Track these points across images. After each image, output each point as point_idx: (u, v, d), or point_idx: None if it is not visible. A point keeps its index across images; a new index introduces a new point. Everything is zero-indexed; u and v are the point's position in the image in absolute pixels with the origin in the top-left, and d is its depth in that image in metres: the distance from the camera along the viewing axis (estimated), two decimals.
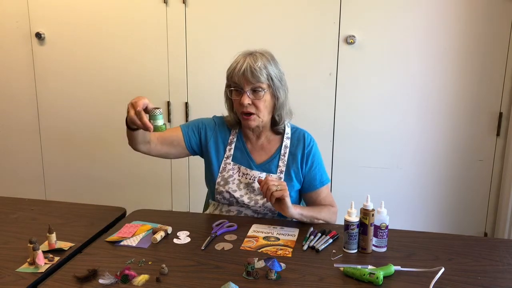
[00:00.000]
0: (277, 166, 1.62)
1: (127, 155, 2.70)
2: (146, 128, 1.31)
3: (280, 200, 1.45)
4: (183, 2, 2.43)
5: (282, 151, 1.63)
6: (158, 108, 1.32)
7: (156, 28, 2.49)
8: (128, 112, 1.33)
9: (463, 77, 2.29)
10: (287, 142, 1.64)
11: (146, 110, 1.32)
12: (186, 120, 2.57)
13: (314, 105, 2.43)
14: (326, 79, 2.39)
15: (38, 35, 2.62)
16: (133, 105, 1.32)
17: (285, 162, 1.62)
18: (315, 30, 2.35)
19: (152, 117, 1.32)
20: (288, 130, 1.66)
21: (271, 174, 1.61)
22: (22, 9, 2.62)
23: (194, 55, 2.49)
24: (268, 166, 1.62)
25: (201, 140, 1.67)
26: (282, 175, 1.60)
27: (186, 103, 2.56)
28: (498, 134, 2.32)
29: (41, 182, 2.86)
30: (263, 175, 1.60)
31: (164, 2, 2.45)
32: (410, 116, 2.37)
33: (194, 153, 1.70)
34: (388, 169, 2.44)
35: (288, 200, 1.45)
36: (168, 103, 2.58)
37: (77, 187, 2.80)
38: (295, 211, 1.50)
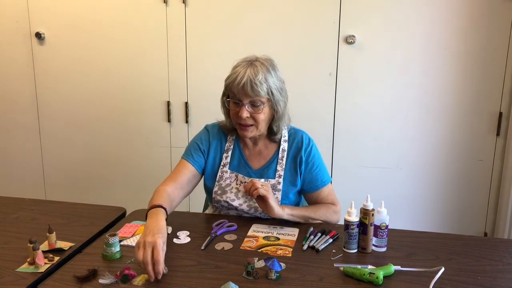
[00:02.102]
0: (275, 170, 1.59)
1: (127, 155, 2.70)
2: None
3: (264, 200, 1.45)
4: (183, 2, 2.43)
5: (280, 155, 1.60)
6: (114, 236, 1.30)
7: (156, 28, 2.49)
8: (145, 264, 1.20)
9: (463, 76, 2.29)
10: (284, 145, 1.61)
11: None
12: (186, 120, 2.57)
13: (314, 105, 2.43)
14: (326, 79, 2.39)
15: (38, 35, 2.62)
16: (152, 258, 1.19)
17: (283, 166, 1.59)
18: (315, 30, 2.35)
19: (107, 245, 1.29)
20: (285, 133, 1.62)
21: (269, 180, 1.57)
22: (22, 9, 2.62)
23: (194, 55, 2.49)
24: (266, 171, 1.59)
25: (205, 156, 1.63)
26: (281, 180, 1.57)
27: (186, 103, 2.56)
28: (498, 134, 2.32)
29: (41, 182, 2.86)
30: (261, 181, 1.55)
31: (164, 2, 2.45)
32: (410, 116, 2.37)
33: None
34: (388, 169, 2.44)
35: (271, 202, 1.44)
36: (168, 103, 2.58)
37: (77, 187, 2.80)
38: (283, 211, 1.49)
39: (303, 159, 1.59)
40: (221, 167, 1.61)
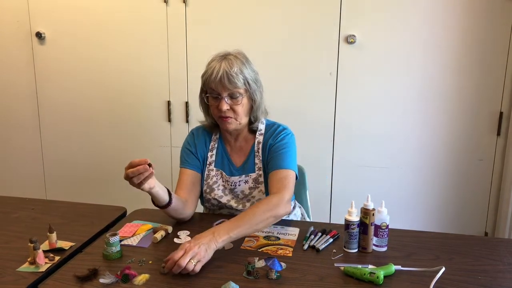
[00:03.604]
0: (254, 163, 1.61)
1: (127, 155, 2.70)
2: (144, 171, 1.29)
3: None
4: (183, 2, 2.43)
5: (256, 148, 1.62)
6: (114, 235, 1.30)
7: (157, 27, 2.49)
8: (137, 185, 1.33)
9: (464, 76, 2.29)
10: (260, 138, 1.63)
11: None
12: (187, 120, 2.57)
13: (314, 104, 2.42)
14: (327, 78, 2.39)
15: (39, 35, 2.62)
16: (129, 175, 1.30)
17: (261, 158, 1.61)
18: (315, 29, 2.35)
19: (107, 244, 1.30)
20: (261, 127, 1.64)
21: (250, 174, 1.59)
22: (23, 8, 2.62)
23: (195, 54, 2.49)
24: (247, 167, 1.62)
25: (197, 157, 1.65)
26: (261, 172, 1.60)
27: (187, 103, 2.56)
28: (498, 134, 2.32)
29: (41, 181, 2.86)
30: (242, 178, 1.60)
31: (165, 2, 2.45)
32: (410, 115, 2.37)
33: None
34: (388, 169, 2.44)
35: (207, 260, 1.25)
36: (169, 103, 2.58)
37: (77, 187, 2.80)
38: (222, 239, 1.28)
39: (270, 143, 1.60)
40: (207, 165, 1.64)
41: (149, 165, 1.29)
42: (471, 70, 2.28)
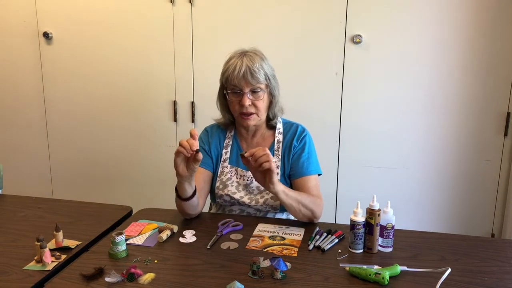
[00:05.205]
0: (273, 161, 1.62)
1: (133, 155, 2.72)
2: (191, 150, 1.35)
3: (265, 173, 1.41)
4: (190, 2, 2.44)
5: (275, 147, 1.64)
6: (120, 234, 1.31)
7: (163, 27, 2.50)
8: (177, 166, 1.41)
9: (471, 76, 2.28)
10: (279, 137, 1.65)
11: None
12: (192, 119, 2.58)
13: (320, 105, 2.42)
14: (332, 79, 2.39)
15: (46, 35, 2.64)
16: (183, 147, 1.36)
17: (280, 157, 1.62)
18: (321, 29, 2.34)
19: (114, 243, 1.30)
20: (279, 126, 1.67)
21: None
22: (30, 8, 2.64)
23: (200, 54, 2.50)
24: None
25: (210, 155, 1.67)
26: (279, 170, 1.61)
27: (192, 103, 2.57)
28: (506, 134, 2.30)
29: (48, 180, 2.88)
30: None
31: (171, 2, 2.46)
32: (416, 116, 2.36)
33: None
34: (394, 169, 2.43)
35: (274, 176, 1.40)
36: (174, 103, 2.59)
37: (83, 186, 2.82)
38: (279, 187, 1.45)
39: (294, 144, 1.63)
40: (221, 162, 1.65)
41: (197, 151, 1.35)
42: (478, 70, 2.26)
